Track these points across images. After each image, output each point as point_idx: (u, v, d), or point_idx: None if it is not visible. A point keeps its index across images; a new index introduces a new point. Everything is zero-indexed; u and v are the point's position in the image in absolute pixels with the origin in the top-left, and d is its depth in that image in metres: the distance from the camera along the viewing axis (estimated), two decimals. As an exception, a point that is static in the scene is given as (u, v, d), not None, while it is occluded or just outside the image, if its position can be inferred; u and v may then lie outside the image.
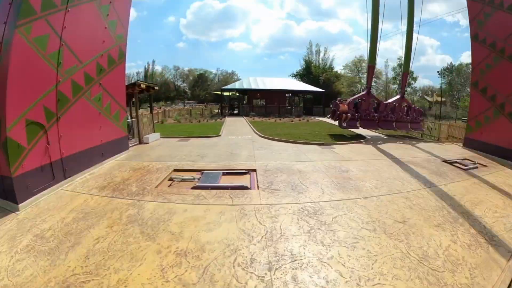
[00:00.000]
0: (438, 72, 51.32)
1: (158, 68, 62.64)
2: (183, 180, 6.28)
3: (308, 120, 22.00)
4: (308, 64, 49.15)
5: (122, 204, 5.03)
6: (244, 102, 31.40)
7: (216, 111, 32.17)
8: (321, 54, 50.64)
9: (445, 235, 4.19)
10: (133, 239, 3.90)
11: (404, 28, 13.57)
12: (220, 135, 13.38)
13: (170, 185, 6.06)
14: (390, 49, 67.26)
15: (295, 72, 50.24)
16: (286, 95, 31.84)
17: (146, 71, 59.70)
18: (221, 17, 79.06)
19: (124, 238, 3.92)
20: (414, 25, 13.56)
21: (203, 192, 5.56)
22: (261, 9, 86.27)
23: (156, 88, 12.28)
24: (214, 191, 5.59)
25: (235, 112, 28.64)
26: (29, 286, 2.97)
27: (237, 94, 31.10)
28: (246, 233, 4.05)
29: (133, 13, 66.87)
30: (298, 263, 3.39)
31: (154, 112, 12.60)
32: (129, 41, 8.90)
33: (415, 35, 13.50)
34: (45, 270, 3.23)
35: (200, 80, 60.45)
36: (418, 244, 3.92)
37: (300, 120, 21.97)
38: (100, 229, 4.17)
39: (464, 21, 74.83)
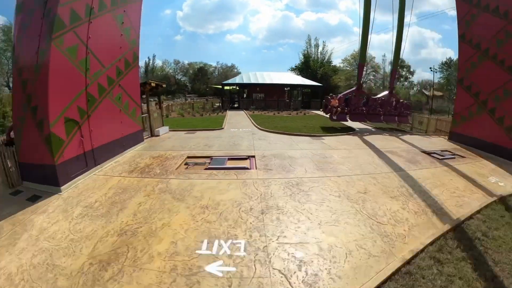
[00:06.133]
0: (430, 68, 51.47)
1: (158, 62, 61.60)
2: (196, 164, 7.63)
3: (305, 114, 22.99)
4: (306, 58, 49.16)
5: (152, 181, 6.38)
6: (244, 95, 32.29)
7: (217, 104, 32.83)
8: (320, 48, 50.72)
9: (397, 203, 5.43)
10: (167, 202, 5.35)
11: (394, 26, 14.37)
12: (223, 128, 14.43)
13: (187, 168, 7.40)
14: (390, 41, 66.27)
15: (294, 66, 50.61)
16: (285, 89, 32.66)
17: (146, 65, 59.12)
18: (218, 9, 77.21)
19: (161, 201, 5.35)
20: (415, 18, 13.77)
21: (214, 171, 6.99)
22: (259, 0, 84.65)
23: (164, 85, 13.33)
24: (222, 171, 7.02)
25: (236, 105, 29.50)
26: (93, 236, 4.20)
27: (237, 88, 31.97)
28: (247, 195, 5.59)
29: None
30: (281, 211, 4.96)
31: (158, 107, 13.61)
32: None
33: (416, 28, 13.71)
34: (102, 226, 4.49)
35: (200, 74, 59.94)
36: (371, 206, 5.25)
37: (297, 114, 22.98)
38: (139, 197, 5.54)
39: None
